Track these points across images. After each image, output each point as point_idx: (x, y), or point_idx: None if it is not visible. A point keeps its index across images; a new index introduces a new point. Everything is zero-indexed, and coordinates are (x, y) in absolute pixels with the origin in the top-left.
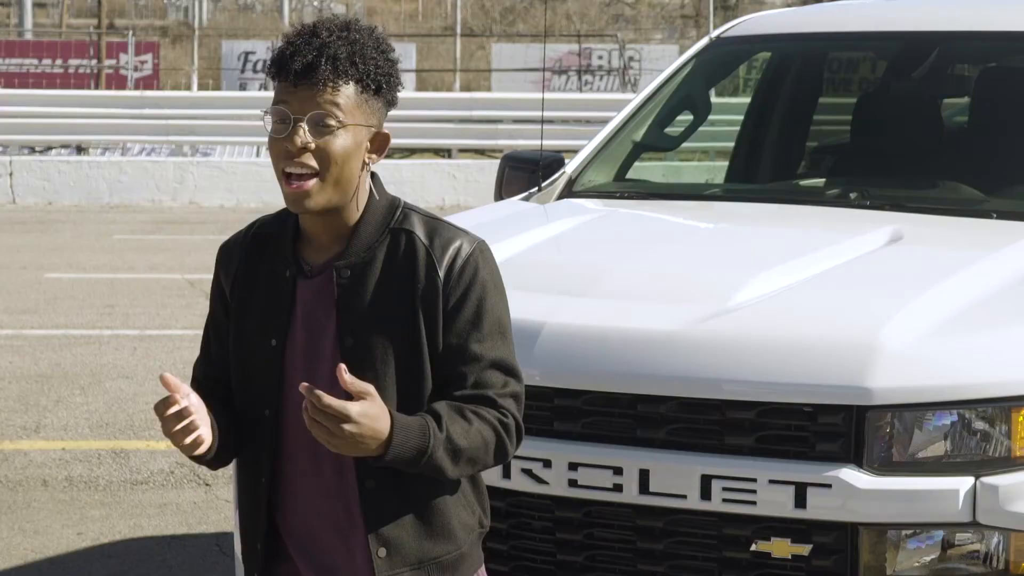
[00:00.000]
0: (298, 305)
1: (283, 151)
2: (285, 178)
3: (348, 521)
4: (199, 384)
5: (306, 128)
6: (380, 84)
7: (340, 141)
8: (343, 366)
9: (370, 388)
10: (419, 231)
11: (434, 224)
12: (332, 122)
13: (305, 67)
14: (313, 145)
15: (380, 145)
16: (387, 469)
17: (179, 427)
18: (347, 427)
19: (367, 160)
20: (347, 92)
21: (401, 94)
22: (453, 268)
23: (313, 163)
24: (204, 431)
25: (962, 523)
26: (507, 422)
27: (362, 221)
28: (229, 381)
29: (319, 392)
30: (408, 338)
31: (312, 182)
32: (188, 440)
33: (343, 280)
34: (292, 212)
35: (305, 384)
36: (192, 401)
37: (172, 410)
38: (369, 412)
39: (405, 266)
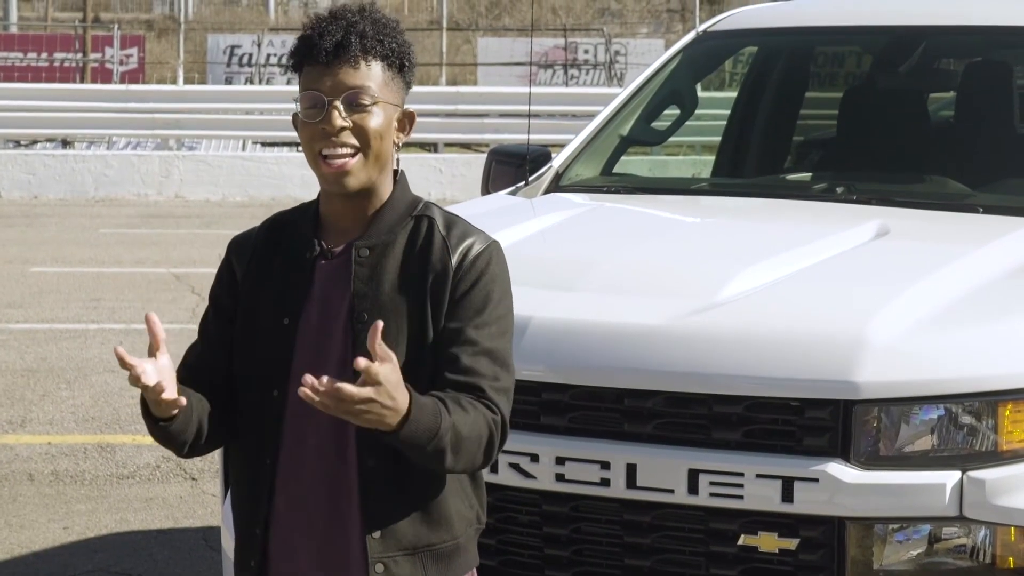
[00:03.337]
0: (314, 286)
1: (318, 133)
2: (323, 160)
3: (348, 504)
4: (187, 368)
5: (341, 108)
6: (403, 62)
7: (375, 118)
8: (380, 323)
9: (393, 356)
10: (439, 220)
11: (453, 218)
12: (366, 99)
13: (335, 45)
14: (350, 124)
15: (408, 124)
16: (389, 449)
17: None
18: (371, 392)
19: (396, 140)
20: (376, 69)
21: None
22: (466, 258)
23: (353, 140)
24: (171, 389)
25: (949, 517)
26: (496, 419)
27: (385, 207)
28: (223, 367)
29: (335, 383)
30: (418, 321)
31: (355, 160)
32: (155, 396)
33: (361, 259)
34: (312, 204)
35: (309, 382)
36: (160, 362)
37: (142, 380)
38: (390, 378)
39: (422, 251)
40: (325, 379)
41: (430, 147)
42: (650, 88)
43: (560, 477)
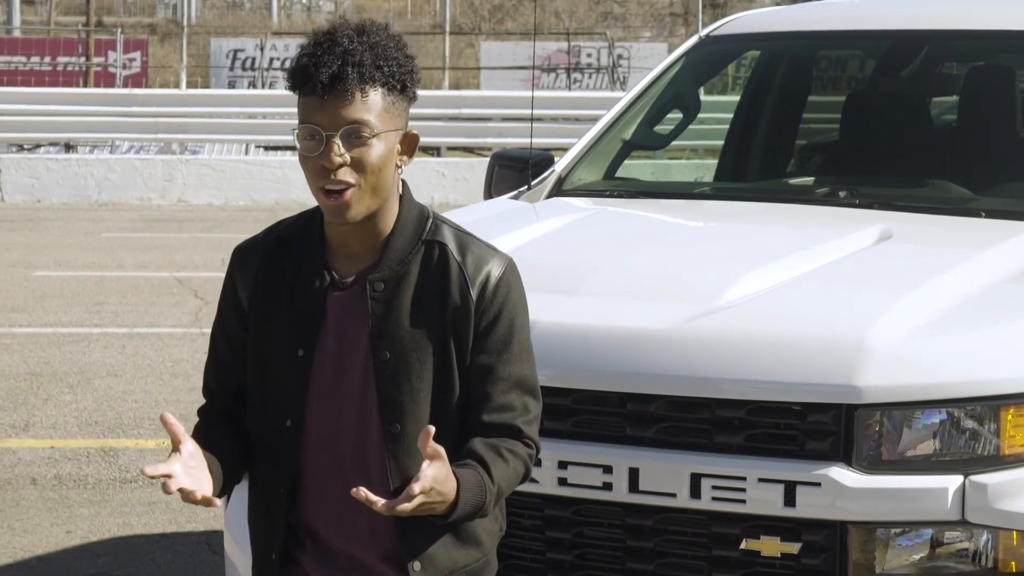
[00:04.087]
0: (328, 318)
1: (319, 168)
2: (323, 193)
3: (375, 533)
4: (212, 395)
5: (340, 143)
6: (404, 83)
7: (375, 151)
8: (431, 428)
9: (443, 452)
10: (451, 245)
11: (465, 239)
12: (365, 133)
13: (331, 78)
14: (349, 159)
15: (410, 146)
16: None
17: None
18: (422, 498)
19: (399, 163)
20: (375, 98)
21: None
22: (486, 289)
23: (351, 178)
24: (204, 480)
25: (951, 521)
26: (532, 453)
27: (395, 232)
28: (241, 389)
29: (390, 506)
30: (441, 353)
31: (350, 191)
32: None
33: (376, 293)
34: (316, 216)
35: (363, 495)
36: (185, 455)
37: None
38: (439, 476)
39: (438, 281)
40: (382, 503)
41: (433, 151)
42: (653, 92)
43: (562, 481)
